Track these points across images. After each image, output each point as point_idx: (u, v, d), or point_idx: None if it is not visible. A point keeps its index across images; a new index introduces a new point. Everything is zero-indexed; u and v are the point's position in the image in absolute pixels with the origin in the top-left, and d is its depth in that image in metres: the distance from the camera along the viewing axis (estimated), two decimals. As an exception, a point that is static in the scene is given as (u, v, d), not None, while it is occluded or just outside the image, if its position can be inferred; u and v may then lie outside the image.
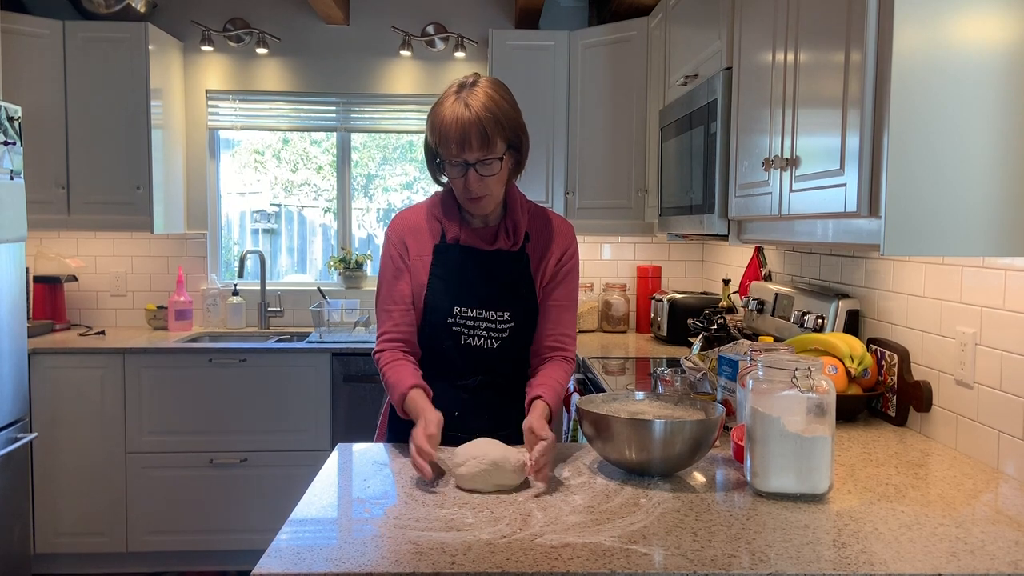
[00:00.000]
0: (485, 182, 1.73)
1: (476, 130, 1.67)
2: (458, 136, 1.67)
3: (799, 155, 1.80)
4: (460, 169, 1.72)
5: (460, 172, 1.72)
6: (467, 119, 1.67)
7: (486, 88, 1.72)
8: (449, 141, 1.69)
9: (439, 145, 1.72)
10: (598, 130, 3.68)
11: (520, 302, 1.83)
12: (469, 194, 1.75)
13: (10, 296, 3.11)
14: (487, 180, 1.73)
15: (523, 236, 1.83)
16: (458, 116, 1.67)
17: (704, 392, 2.03)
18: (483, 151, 1.69)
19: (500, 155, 1.72)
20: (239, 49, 4.04)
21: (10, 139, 3.04)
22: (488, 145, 1.69)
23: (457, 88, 1.72)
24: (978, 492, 1.55)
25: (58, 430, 3.44)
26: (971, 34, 1.41)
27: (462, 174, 1.72)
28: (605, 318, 4.02)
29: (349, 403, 3.53)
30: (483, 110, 1.68)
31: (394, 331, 1.81)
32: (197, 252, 4.13)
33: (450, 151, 1.70)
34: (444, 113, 1.70)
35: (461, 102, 1.69)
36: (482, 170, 1.71)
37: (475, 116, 1.67)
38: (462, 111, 1.67)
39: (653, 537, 1.29)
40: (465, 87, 1.72)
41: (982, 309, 1.77)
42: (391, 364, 1.78)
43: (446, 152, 1.71)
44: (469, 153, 1.69)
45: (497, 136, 1.70)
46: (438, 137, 1.71)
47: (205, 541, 3.53)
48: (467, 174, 1.72)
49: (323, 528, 1.35)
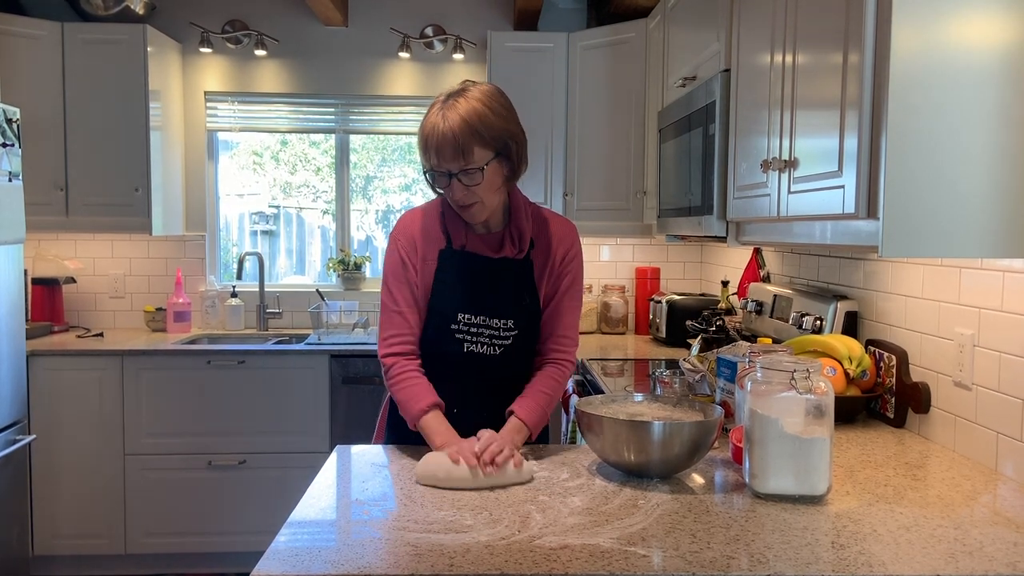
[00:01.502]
0: (471, 191, 1.73)
1: (448, 142, 1.67)
2: (433, 147, 1.69)
3: (797, 157, 1.80)
4: (444, 179, 1.73)
5: (444, 182, 1.74)
6: (441, 131, 1.68)
7: (471, 97, 1.71)
8: (428, 151, 1.71)
9: (423, 156, 1.74)
10: (597, 132, 3.68)
11: (524, 310, 1.83)
12: (457, 203, 1.76)
13: (8, 298, 3.11)
14: (473, 189, 1.72)
15: (528, 243, 1.83)
16: (434, 127, 1.69)
17: (703, 394, 2.03)
18: (458, 162, 1.69)
19: (481, 165, 1.71)
20: (238, 51, 4.04)
21: (9, 141, 3.04)
22: (464, 156, 1.69)
23: (444, 98, 1.73)
24: (977, 493, 1.55)
25: (56, 432, 3.44)
26: (969, 36, 1.42)
27: (446, 184, 1.73)
28: (604, 319, 4.02)
29: (348, 405, 3.53)
30: (459, 122, 1.67)
31: (402, 336, 1.81)
32: (196, 254, 4.13)
33: (430, 161, 1.72)
34: (424, 124, 1.72)
35: (440, 113, 1.69)
36: (464, 180, 1.71)
37: (448, 128, 1.67)
38: (438, 122, 1.69)
39: (652, 539, 1.29)
40: (450, 97, 1.72)
41: (980, 310, 1.77)
42: (404, 377, 1.78)
43: (426, 162, 1.74)
44: (446, 163, 1.70)
45: (474, 146, 1.69)
46: (421, 148, 1.73)
47: (204, 543, 3.52)
48: (451, 184, 1.72)
49: (322, 530, 1.35)
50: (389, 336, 1.81)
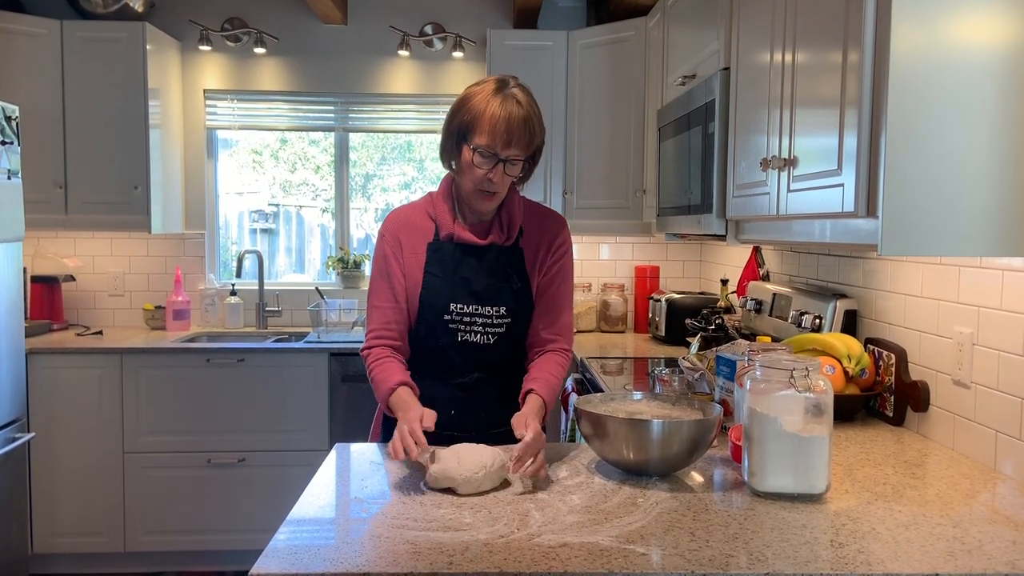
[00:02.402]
0: (504, 179, 1.75)
1: (526, 128, 1.70)
2: (508, 130, 1.69)
3: (797, 155, 1.80)
4: (490, 161, 1.72)
5: (489, 164, 1.72)
6: (520, 116, 1.69)
7: (528, 94, 1.75)
8: (496, 133, 1.69)
9: (479, 134, 1.71)
10: (596, 130, 3.68)
11: (515, 297, 1.83)
12: (488, 187, 1.75)
13: (7, 296, 3.11)
14: (507, 178, 1.75)
15: (517, 230, 1.84)
16: (511, 111, 1.69)
17: (702, 392, 2.03)
18: (521, 150, 1.72)
19: (528, 157, 1.77)
20: (237, 49, 4.04)
21: (8, 139, 3.03)
22: (530, 146, 1.74)
23: (499, 84, 1.73)
24: (975, 492, 1.55)
25: (56, 430, 3.44)
26: (968, 34, 1.42)
27: (490, 166, 1.72)
28: (603, 318, 4.02)
29: (347, 403, 3.53)
30: (533, 113, 1.73)
31: (382, 329, 1.83)
32: (195, 252, 4.12)
33: (494, 142, 1.70)
34: (492, 105, 1.70)
35: (511, 99, 1.70)
36: (509, 169, 1.74)
37: (528, 115, 1.70)
38: (515, 107, 1.69)
39: (651, 537, 1.29)
40: (507, 85, 1.73)
41: (979, 309, 1.77)
42: (378, 361, 1.80)
43: (489, 141, 1.70)
44: (508, 149, 1.71)
45: (536, 139, 1.75)
46: (484, 125, 1.69)
47: (203, 541, 3.52)
48: (495, 168, 1.72)
49: (321, 528, 1.35)
50: (370, 331, 1.85)
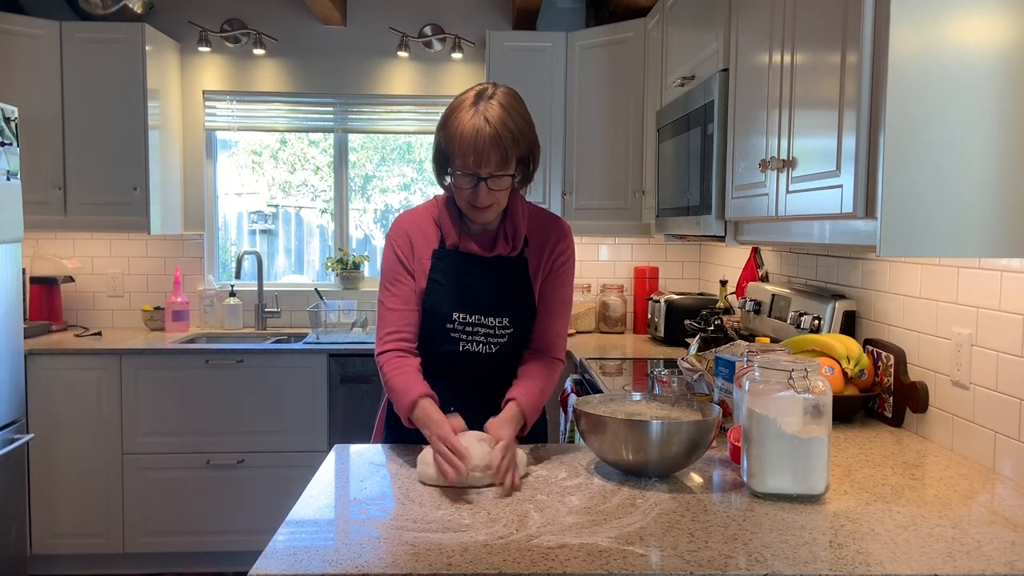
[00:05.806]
0: (494, 195, 1.72)
1: (496, 147, 1.65)
2: (476, 150, 1.65)
3: (796, 156, 1.80)
4: (471, 180, 1.69)
5: (470, 183, 1.70)
6: (487, 135, 1.64)
7: (506, 104, 1.68)
8: (466, 153, 1.66)
9: (453, 155, 1.70)
10: (595, 131, 3.68)
11: (519, 308, 1.82)
12: (476, 204, 1.73)
13: (6, 297, 3.11)
14: (495, 192, 1.72)
15: (523, 241, 1.82)
16: (478, 130, 1.64)
17: (701, 393, 2.03)
18: (500, 167, 1.68)
19: (513, 172, 1.72)
20: (236, 50, 4.04)
21: (7, 140, 3.03)
22: (506, 161, 1.68)
23: (475, 98, 1.69)
24: (974, 493, 1.56)
25: (55, 431, 3.44)
26: (967, 35, 1.42)
27: (472, 185, 1.70)
28: (602, 319, 4.03)
29: (346, 404, 3.53)
30: (503, 127, 1.65)
31: (398, 332, 1.79)
32: (194, 253, 4.12)
33: (466, 163, 1.68)
34: (463, 124, 1.66)
35: (480, 115, 1.65)
36: (492, 184, 1.69)
37: (495, 132, 1.64)
38: (482, 125, 1.64)
39: (650, 538, 1.29)
40: (483, 98, 1.68)
41: (978, 310, 1.77)
42: (397, 370, 1.75)
43: (461, 163, 1.68)
44: (485, 168, 1.67)
45: (514, 154, 1.69)
46: (455, 146, 1.68)
47: (202, 542, 3.52)
48: (477, 187, 1.69)
49: (320, 529, 1.35)
50: (385, 334, 1.80)
